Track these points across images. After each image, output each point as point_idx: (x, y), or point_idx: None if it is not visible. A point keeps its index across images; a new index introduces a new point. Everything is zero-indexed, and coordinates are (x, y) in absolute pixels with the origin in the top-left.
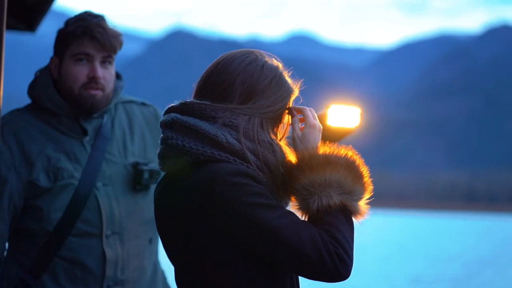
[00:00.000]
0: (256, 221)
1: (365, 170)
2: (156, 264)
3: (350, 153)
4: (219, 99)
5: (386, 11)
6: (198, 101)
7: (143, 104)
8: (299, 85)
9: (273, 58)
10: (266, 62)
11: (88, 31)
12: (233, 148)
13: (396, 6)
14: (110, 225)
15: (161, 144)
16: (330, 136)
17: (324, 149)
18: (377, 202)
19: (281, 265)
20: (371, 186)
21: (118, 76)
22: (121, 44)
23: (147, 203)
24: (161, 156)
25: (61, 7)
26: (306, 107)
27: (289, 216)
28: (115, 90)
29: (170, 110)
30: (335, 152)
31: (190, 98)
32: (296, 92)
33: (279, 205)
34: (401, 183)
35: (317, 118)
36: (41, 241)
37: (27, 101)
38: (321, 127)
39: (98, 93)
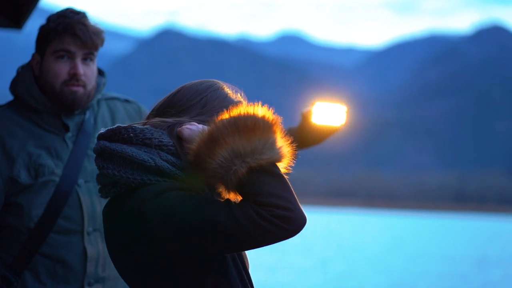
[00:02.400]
0: (189, 221)
1: (249, 115)
2: None
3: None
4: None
5: (376, 11)
6: (125, 126)
7: (126, 100)
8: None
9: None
10: (214, 85)
11: (69, 27)
12: (163, 170)
13: (387, 6)
14: (92, 222)
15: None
16: (314, 135)
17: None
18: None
19: (231, 250)
20: (269, 125)
21: (101, 73)
22: (102, 41)
23: None
24: (99, 183)
25: (48, 4)
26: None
27: (218, 204)
28: (98, 86)
29: (99, 137)
30: (206, 135)
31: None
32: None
33: (208, 198)
34: (391, 184)
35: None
36: (22, 237)
37: (12, 97)
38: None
39: (79, 90)
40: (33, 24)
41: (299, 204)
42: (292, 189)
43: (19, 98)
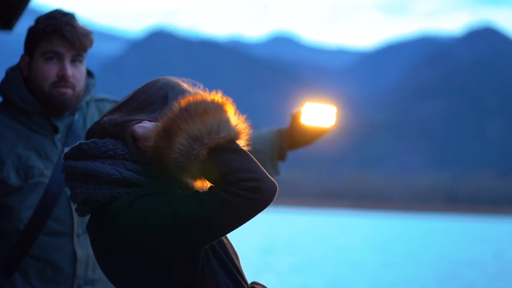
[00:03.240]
0: (163, 221)
1: (199, 101)
2: None
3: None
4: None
5: (368, 12)
6: (87, 141)
7: (115, 102)
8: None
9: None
10: (170, 81)
11: (57, 29)
12: (130, 180)
13: (378, 8)
14: (81, 223)
15: None
16: (304, 136)
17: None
18: (358, 203)
19: (210, 238)
20: (219, 105)
21: (90, 74)
22: (91, 42)
23: None
24: (73, 203)
25: (39, 5)
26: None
27: (186, 198)
28: (87, 88)
29: (65, 157)
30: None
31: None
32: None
33: (176, 196)
34: (382, 185)
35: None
36: (12, 239)
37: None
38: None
39: (68, 91)
40: (24, 25)
41: (266, 173)
42: (257, 162)
43: (8, 99)
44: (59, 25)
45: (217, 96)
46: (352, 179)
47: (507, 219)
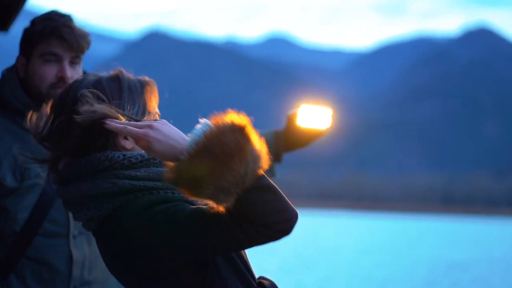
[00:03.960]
0: (176, 241)
1: (224, 141)
2: None
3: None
4: None
5: (364, 13)
6: (68, 163)
7: None
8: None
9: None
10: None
11: (55, 30)
12: (127, 188)
13: (374, 8)
14: (77, 225)
15: None
16: (300, 137)
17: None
18: (354, 204)
19: (226, 254)
20: (245, 140)
21: None
22: (88, 44)
23: None
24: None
25: (35, 6)
26: (124, 126)
27: (210, 221)
28: None
29: (54, 182)
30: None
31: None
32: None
33: (194, 211)
34: (379, 186)
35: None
36: (8, 241)
37: None
38: (152, 124)
39: None
40: (20, 26)
41: (290, 203)
42: (281, 192)
43: (4, 100)
44: (57, 27)
45: (237, 119)
46: (348, 180)
47: (504, 219)
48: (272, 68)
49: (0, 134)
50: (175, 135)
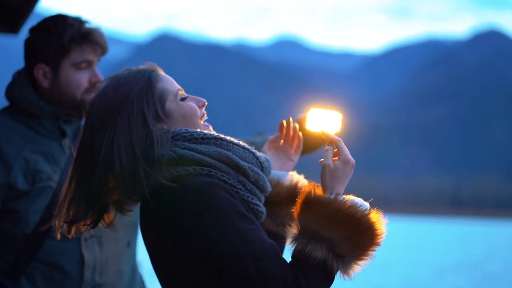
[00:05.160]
0: (220, 230)
1: (376, 237)
2: (134, 267)
3: (371, 215)
4: None
5: (373, 16)
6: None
7: None
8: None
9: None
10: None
11: (89, 37)
12: (187, 158)
13: (383, 11)
14: None
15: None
16: (308, 141)
17: (344, 199)
18: None
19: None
20: (373, 253)
21: None
22: None
23: None
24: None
25: (45, 8)
26: (341, 140)
27: (259, 235)
28: None
29: None
30: (349, 209)
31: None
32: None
33: (251, 218)
34: (387, 188)
35: (349, 153)
36: (19, 244)
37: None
38: (354, 164)
39: None
40: (28, 28)
41: None
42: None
43: (15, 103)
44: (89, 33)
45: (378, 238)
46: (357, 183)
47: None
48: (281, 71)
49: (11, 137)
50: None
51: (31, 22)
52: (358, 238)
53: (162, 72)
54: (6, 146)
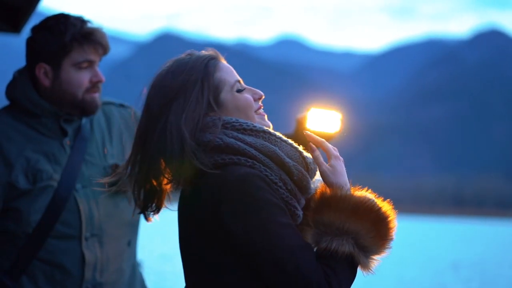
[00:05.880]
0: (258, 222)
1: (392, 229)
2: (134, 266)
3: (385, 207)
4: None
5: (374, 15)
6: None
7: (121, 105)
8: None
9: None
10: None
11: (91, 36)
12: (232, 147)
13: (385, 11)
14: (89, 227)
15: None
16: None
17: (359, 193)
18: None
19: (264, 274)
20: (391, 244)
21: None
22: None
23: (126, 206)
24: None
25: (47, 8)
26: (322, 140)
27: (294, 230)
28: None
29: None
30: (368, 202)
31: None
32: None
33: (286, 212)
34: (388, 188)
35: (336, 149)
36: (20, 243)
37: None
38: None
39: (97, 95)
40: (30, 27)
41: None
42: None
43: (16, 103)
44: (91, 33)
45: (393, 229)
46: (358, 182)
47: None
48: (282, 70)
49: (12, 136)
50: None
51: (33, 21)
52: (378, 229)
53: (223, 61)
54: (7, 145)
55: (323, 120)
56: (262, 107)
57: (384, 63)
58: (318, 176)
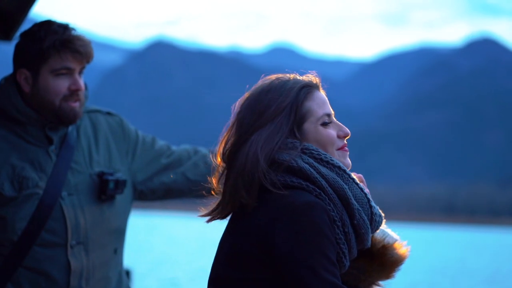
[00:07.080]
0: (303, 263)
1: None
2: (120, 274)
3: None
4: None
5: (367, 23)
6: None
7: (108, 113)
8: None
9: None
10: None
11: (70, 44)
12: (304, 172)
13: (378, 19)
14: (75, 235)
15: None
16: None
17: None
18: None
19: None
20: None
21: (85, 86)
22: (93, 52)
23: (112, 213)
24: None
25: (40, 15)
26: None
27: (337, 270)
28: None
29: None
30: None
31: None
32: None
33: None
34: (382, 195)
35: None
36: (5, 250)
37: None
38: None
39: (77, 104)
40: None
41: None
42: None
43: (1, 109)
44: (70, 40)
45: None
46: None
47: (506, 229)
48: None
49: None
50: None
51: (25, 29)
52: (389, 273)
53: (321, 90)
54: None
55: None
56: (346, 145)
57: (377, 71)
58: (390, 231)
